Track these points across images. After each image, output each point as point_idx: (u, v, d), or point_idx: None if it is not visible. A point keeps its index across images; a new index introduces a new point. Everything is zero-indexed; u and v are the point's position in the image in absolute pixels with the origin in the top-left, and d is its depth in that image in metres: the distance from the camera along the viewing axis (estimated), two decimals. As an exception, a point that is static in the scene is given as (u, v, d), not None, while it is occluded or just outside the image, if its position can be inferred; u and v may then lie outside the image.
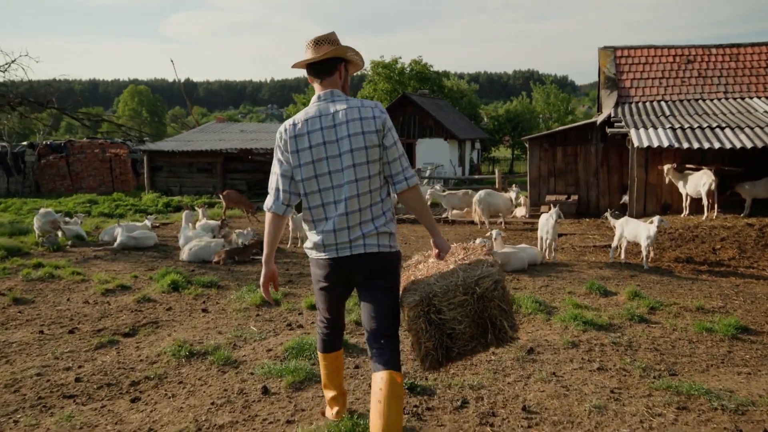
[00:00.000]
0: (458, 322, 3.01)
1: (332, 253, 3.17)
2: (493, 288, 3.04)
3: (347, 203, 3.12)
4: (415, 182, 3.23)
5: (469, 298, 3.01)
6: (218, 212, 18.05)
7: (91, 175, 24.10)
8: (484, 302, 3.02)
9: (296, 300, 7.16)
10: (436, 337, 3.04)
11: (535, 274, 8.57)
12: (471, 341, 3.05)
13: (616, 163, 16.12)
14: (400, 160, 3.21)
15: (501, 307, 3.07)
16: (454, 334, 3.03)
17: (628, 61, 17.31)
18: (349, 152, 3.12)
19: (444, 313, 3.02)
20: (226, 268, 9.58)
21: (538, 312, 6.11)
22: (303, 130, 3.17)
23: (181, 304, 7.09)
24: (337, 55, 3.26)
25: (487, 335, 3.05)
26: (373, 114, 3.16)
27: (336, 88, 3.27)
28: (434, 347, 3.05)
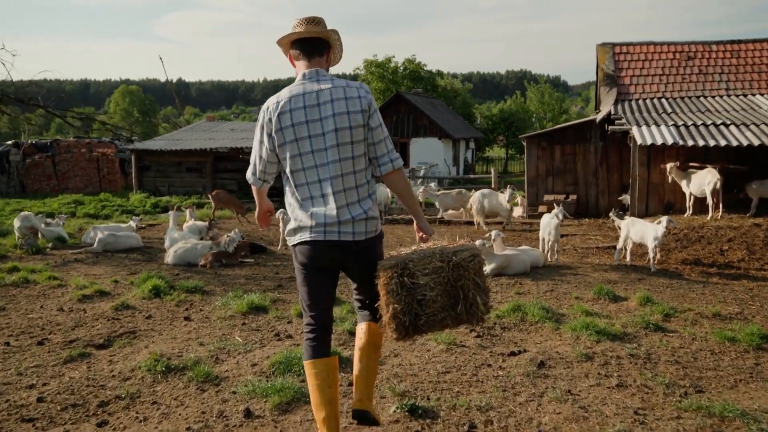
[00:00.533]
0: (430, 288, 2.97)
1: (319, 235, 3.09)
2: (470, 259, 3.03)
3: (332, 182, 3.07)
4: (399, 164, 3.22)
5: (444, 266, 2.99)
6: (207, 213, 17.56)
7: (77, 175, 23.52)
8: (459, 271, 2.99)
9: (285, 307, 6.70)
10: (407, 301, 2.97)
11: (537, 277, 8.14)
12: (441, 311, 2.99)
13: (615, 161, 15.74)
14: (385, 141, 3.18)
15: (475, 280, 3.04)
16: (425, 301, 2.97)
17: (627, 57, 16.95)
18: (333, 132, 3.07)
19: (417, 277, 2.98)
20: (212, 272, 9.11)
21: (546, 320, 5.67)
22: (286, 108, 3.11)
23: (162, 312, 6.61)
24: (327, 37, 3.25)
25: (457, 307, 3.00)
26: (359, 94, 3.12)
27: (322, 69, 3.23)
28: (402, 311, 2.97)
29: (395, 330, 3.02)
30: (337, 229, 3.09)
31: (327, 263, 3.17)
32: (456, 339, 5.14)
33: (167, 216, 15.61)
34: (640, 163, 12.94)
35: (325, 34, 3.22)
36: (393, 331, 3.03)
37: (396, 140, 32.93)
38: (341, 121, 3.06)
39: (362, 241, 3.13)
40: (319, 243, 3.10)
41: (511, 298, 6.83)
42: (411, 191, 3.33)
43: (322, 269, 3.19)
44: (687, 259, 9.27)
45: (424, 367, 4.57)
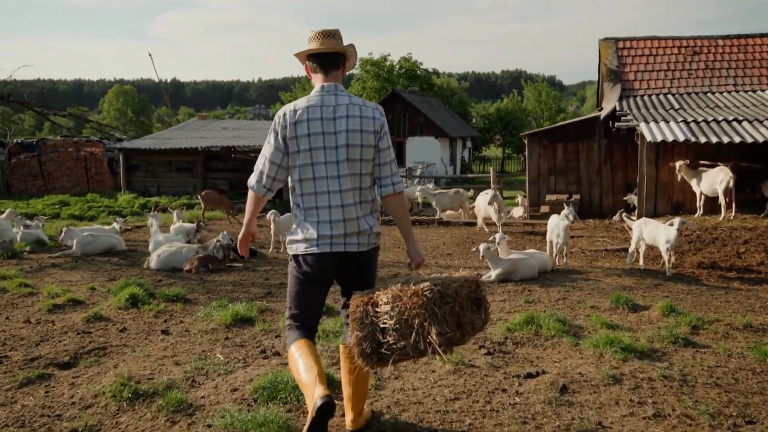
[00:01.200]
0: (390, 317, 2.92)
1: (325, 248, 3.14)
2: (427, 288, 2.93)
3: (343, 195, 3.14)
4: (401, 189, 3.28)
5: (400, 293, 2.93)
6: (198, 214, 16.94)
7: (64, 175, 22.82)
8: (414, 299, 2.89)
9: (274, 318, 6.11)
10: (369, 329, 2.96)
11: (547, 283, 7.57)
12: (401, 340, 2.92)
13: (620, 160, 15.20)
14: (390, 164, 3.26)
15: (433, 310, 2.91)
16: (386, 329, 2.93)
17: (630, 52, 16.41)
18: (345, 147, 3.12)
19: (380, 306, 2.96)
20: (197, 278, 8.51)
21: (563, 334, 5.10)
22: (303, 117, 3.14)
23: (138, 324, 6.01)
24: (343, 51, 3.28)
25: (411, 336, 2.91)
26: (374, 115, 3.19)
27: (339, 83, 3.27)
28: (364, 338, 2.97)
29: (359, 357, 3.02)
30: (343, 241, 3.15)
31: (329, 275, 3.24)
32: (464, 357, 4.56)
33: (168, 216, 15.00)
34: (647, 161, 12.39)
35: (341, 48, 3.25)
36: (358, 357, 3.02)
37: (392, 139, 32.35)
38: (354, 137, 3.12)
39: (365, 252, 3.22)
40: (325, 255, 3.15)
41: (521, 308, 6.25)
42: (407, 216, 3.38)
43: (320, 280, 3.25)
44: (703, 263, 8.72)
45: (429, 392, 3.99)
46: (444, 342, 2.92)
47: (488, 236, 11.45)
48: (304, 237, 3.17)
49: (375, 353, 2.99)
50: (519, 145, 47.08)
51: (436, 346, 2.91)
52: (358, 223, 3.17)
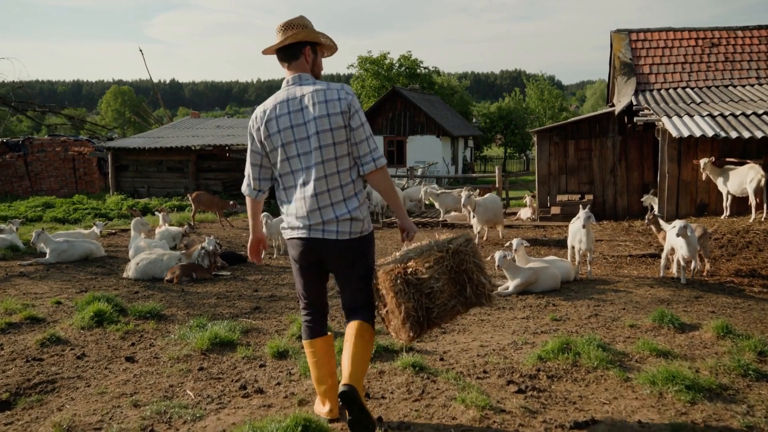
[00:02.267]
0: (436, 280, 2.98)
1: (304, 233, 3.23)
2: (465, 243, 3.10)
3: (315, 184, 3.18)
4: (382, 163, 3.27)
5: (445, 255, 3.02)
6: (189, 216, 16.05)
7: (52, 175, 21.89)
8: (460, 257, 3.04)
9: (260, 341, 5.23)
10: (416, 297, 3.00)
11: (572, 296, 6.69)
12: (450, 299, 3.03)
13: (635, 157, 14.32)
14: (367, 141, 3.23)
15: (476, 262, 3.10)
16: (433, 293, 3.00)
17: (645, 45, 15.53)
18: (315, 134, 3.16)
19: (421, 272, 2.99)
20: (179, 289, 7.62)
21: (608, 365, 4.20)
22: (272, 115, 3.23)
23: (101, 348, 5.12)
24: (300, 39, 3.27)
25: (465, 291, 3.05)
26: (338, 96, 3.19)
27: (304, 72, 3.31)
28: (414, 308, 2.99)
29: (411, 328, 3.01)
30: (321, 228, 3.20)
31: (314, 259, 3.30)
32: (491, 399, 3.67)
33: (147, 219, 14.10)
34: (669, 159, 11.51)
35: (294, 38, 3.25)
36: (409, 330, 3.02)
37: (392, 138, 31.47)
38: (322, 123, 3.14)
39: (345, 240, 3.21)
40: (304, 240, 3.24)
41: (548, 328, 5.37)
42: (394, 190, 3.38)
43: (311, 264, 3.33)
44: (741, 270, 7.84)
45: (451, 451, 3.11)
46: (493, 287, 3.14)
47: (504, 241, 10.59)
48: (289, 225, 3.31)
49: (425, 319, 3.02)
50: (520, 144, 46.27)
51: (488, 292, 3.11)
52: (333, 209, 3.19)
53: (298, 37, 3.26)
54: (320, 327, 3.45)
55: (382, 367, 4.34)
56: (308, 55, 3.31)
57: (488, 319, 5.75)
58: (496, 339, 5.06)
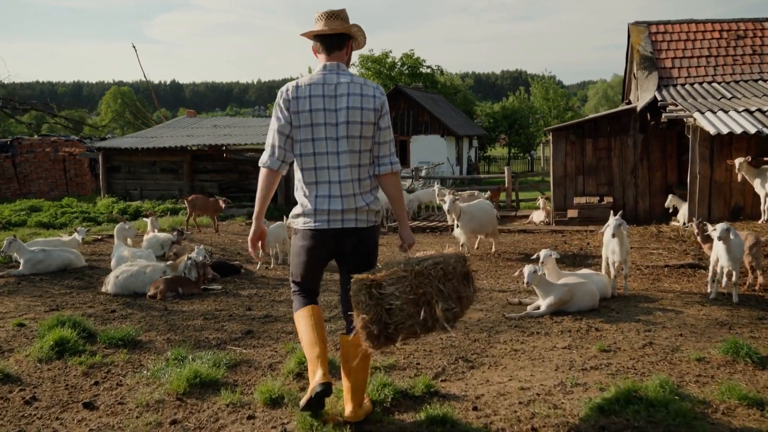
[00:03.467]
0: (396, 297, 3.01)
1: (323, 224, 3.25)
2: (431, 267, 3.10)
3: (342, 171, 3.23)
4: (398, 168, 3.37)
5: (407, 275, 3.04)
6: (183, 220, 15.15)
7: (41, 177, 20.97)
8: (421, 279, 3.05)
9: (250, 379, 4.32)
10: (375, 310, 3.02)
11: (614, 317, 5.77)
12: (408, 319, 3.03)
13: (658, 157, 13.42)
14: (389, 144, 3.34)
15: (438, 287, 3.09)
16: (392, 310, 3.02)
17: (665, 37, 14.63)
18: (345, 123, 3.20)
19: (384, 287, 3.02)
20: (162, 307, 6.71)
21: (693, 420, 3.29)
22: (305, 93, 3.21)
23: (57, 389, 4.22)
24: (347, 31, 3.32)
25: (420, 314, 3.02)
26: (374, 93, 3.26)
27: (342, 62, 3.33)
28: (371, 320, 3.02)
29: (366, 338, 3.08)
30: (340, 217, 3.25)
31: (328, 251, 3.34)
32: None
33: (139, 223, 13.19)
34: (701, 159, 10.60)
35: (345, 29, 3.30)
36: (365, 340, 3.09)
37: (395, 138, 30.54)
38: (354, 114, 3.20)
39: (364, 229, 3.29)
40: (322, 231, 3.26)
41: (597, 362, 4.45)
42: (402, 196, 3.46)
43: (319, 255, 3.36)
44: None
45: None
46: (451, 317, 3.10)
47: (494, 255, 9.69)
48: (303, 211, 3.28)
49: (382, 334, 3.05)
50: (525, 144, 45.39)
51: (443, 321, 3.06)
52: (355, 199, 3.24)
53: (346, 29, 3.30)
54: (312, 299, 3.51)
55: (403, 422, 3.44)
56: (350, 48, 3.38)
57: (522, 348, 4.84)
58: (537, 377, 4.16)
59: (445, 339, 5.14)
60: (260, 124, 21.50)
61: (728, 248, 6.35)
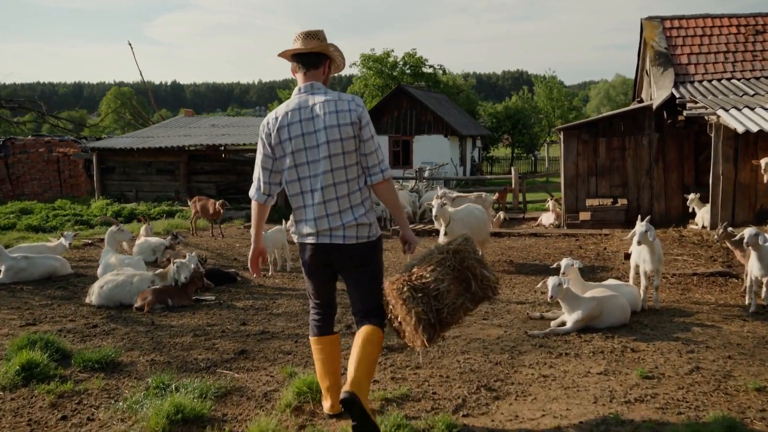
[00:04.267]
0: (440, 281, 3.07)
1: (313, 238, 3.32)
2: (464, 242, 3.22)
3: (323, 192, 3.26)
4: (389, 175, 3.37)
5: (446, 255, 3.13)
6: (179, 223, 14.58)
7: (35, 178, 20.37)
8: (461, 255, 3.14)
9: (241, 413, 3.73)
10: (424, 301, 3.06)
11: (649, 335, 5.19)
12: (458, 297, 3.11)
13: (674, 157, 12.84)
14: (375, 153, 3.33)
15: (477, 258, 3.18)
16: (440, 294, 3.07)
17: (680, 33, 14.02)
18: (326, 143, 3.23)
19: (425, 276, 3.08)
20: (149, 320, 6.14)
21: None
22: (284, 122, 3.29)
23: (18, 425, 3.65)
24: (323, 51, 3.38)
25: (470, 287, 3.13)
26: (349, 107, 3.26)
27: (317, 81, 3.37)
28: (424, 311, 3.05)
29: (424, 331, 3.07)
30: (329, 233, 3.29)
31: (325, 264, 3.38)
32: None
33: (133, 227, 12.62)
34: (724, 159, 10.02)
35: (321, 48, 3.36)
36: (422, 334, 3.07)
37: (398, 138, 29.99)
38: (332, 133, 3.22)
39: (352, 245, 3.29)
40: (313, 246, 3.33)
41: (641, 392, 3.87)
42: (398, 201, 3.49)
43: (321, 267, 3.40)
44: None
45: None
46: (496, 281, 3.26)
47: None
48: (297, 230, 3.42)
49: (437, 321, 3.10)
50: (528, 144, 44.77)
51: (493, 285, 3.21)
52: (341, 216, 3.27)
53: (323, 48, 3.36)
54: (328, 326, 3.55)
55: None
56: (326, 68, 3.41)
57: (552, 374, 4.26)
58: (574, 412, 3.58)
59: (462, 361, 4.57)
60: (258, 123, 20.89)
61: (759, 255, 5.80)
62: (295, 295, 7.23)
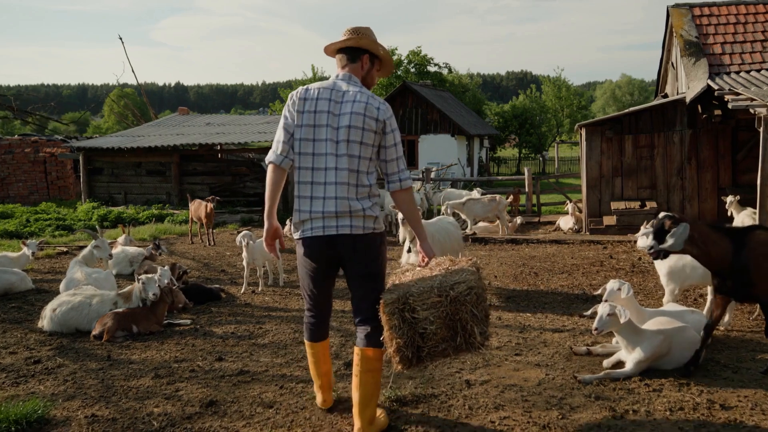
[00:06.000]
0: (430, 322, 3.07)
1: (318, 231, 3.23)
2: (466, 293, 3.12)
3: (339, 173, 3.21)
4: (408, 185, 3.37)
5: (442, 300, 3.08)
6: (168, 228, 13.48)
7: (20, 180, 19.30)
8: (457, 305, 3.09)
9: None
10: (408, 334, 3.09)
11: (731, 379, 4.04)
12: (441, 342, 3.10)
13: (708, 156, 11.69)
14: (397, 161, 3.34)
15: (473, 312, 3.13)
16: (426, 334, 3.09)
17: (712, 21, 12.86)
18: (347, 128, 3.23)
19: (418, 312, 3.08)
20: (105, 354, 5.03)
21: None
22: (312, 95, 3.29)
23: None
24: (362, 45, 3.39)
25: (456, 338, 3.11)
26: (379, 107, 3.27)
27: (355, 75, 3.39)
28: (405, 344, 3.09)
29: (399, 362, 3.13)
30: (335, 223, 3.21)
31: (327, 258, 3.31)
32: None
33: (119, 232, 11.53)
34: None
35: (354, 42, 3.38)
36: (398, 363, 3.14)
37: (403, 137, 28.84)
38: (356, 120, 3.21)
39: (360, 235, 3.23)
40: (318, 239, 3.23)
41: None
42: (416, 211, 3.49)
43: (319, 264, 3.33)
44: None
45: None
46: (484, 339, 3.16)
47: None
48: (300, 219, 3.28)
49: (415, 357, 3.12)
50: (536, 144, 43.61)
51: (479, 344, 3.13)
52: (350, 203, 3.20)
53: (360, 42, 3.37)
54: (322, 331, 3.58)
55: None
56: (365, 62, 3.41)
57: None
58: None
59: (498, 423, 3.45)
60: (257, 121, 19.83)
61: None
62: (286, 318, 6.11)
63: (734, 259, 4.10)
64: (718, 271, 4.24)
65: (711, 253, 4.12)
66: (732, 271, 4.13)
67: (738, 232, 4.24)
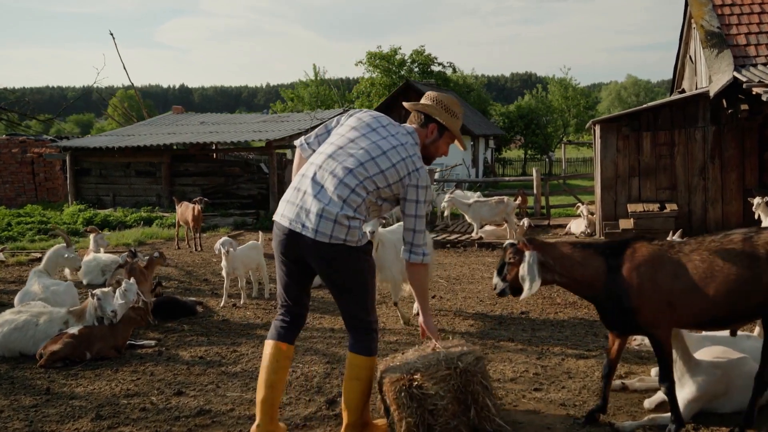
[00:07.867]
0: (440, 397, 2.94)
1: (284, 220, 3.08)
2: (475, 363, 3.04)
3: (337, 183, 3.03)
4: (416, 260, 3.14)
5: (452, 373, 2.98)
6: (156, 231, 12.70)
7: (7, 181, 18.54)
8: (467, 377, 3.00)
9: None
10: (418, 413, 2.95)
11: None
12: (453, 418, 2.97)
13: (734, 154, 10.85)
14: (413, 231, 3.13)
15: (483, 384, 3.04)
16: (436, 411, 2.95)
17: (734, 10, 12.01)
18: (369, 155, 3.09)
19: (426, 388, 2.95)
20: (44, 385, 4.24)
21: None
22: (362, 115, 3.30)
23: None
24: (431, 113, 3.31)
25: (469, 413, 3.00)
26: (414, 163, 3.10)
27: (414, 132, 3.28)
28: (415, 424, 2.94)
29: None
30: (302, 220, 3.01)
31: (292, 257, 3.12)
32: None
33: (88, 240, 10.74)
34: (813, 154, 8.04)
35: (428, 109, 3.31)
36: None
37: (405, 138, 28.06)
38: (382, 158, 3.06)
39: (323, 243, 2.97)
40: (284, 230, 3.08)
41: None
42: (424, 289, 3.27)
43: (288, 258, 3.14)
44: None
45: None
46: (498, 413, 3.05)
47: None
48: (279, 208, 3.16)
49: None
50: (542, 145, 42.78)
51: (493, 418, 3.00)
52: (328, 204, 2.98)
53: (428, 109, 3.31)
54: (289, 335, 3.25)
55: None
56: (431, 130, 3.30)
57: None
58: None
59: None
60: (254, 120, 19.06)
61: None
62: (265, 336, 5.30)
63: (608, 280, 3.26)
64: (592, 299, 3.40)
65: (576, 277, 3.29)
66: (608, 297, 3.28)
67: (613, 248, 3.33)
